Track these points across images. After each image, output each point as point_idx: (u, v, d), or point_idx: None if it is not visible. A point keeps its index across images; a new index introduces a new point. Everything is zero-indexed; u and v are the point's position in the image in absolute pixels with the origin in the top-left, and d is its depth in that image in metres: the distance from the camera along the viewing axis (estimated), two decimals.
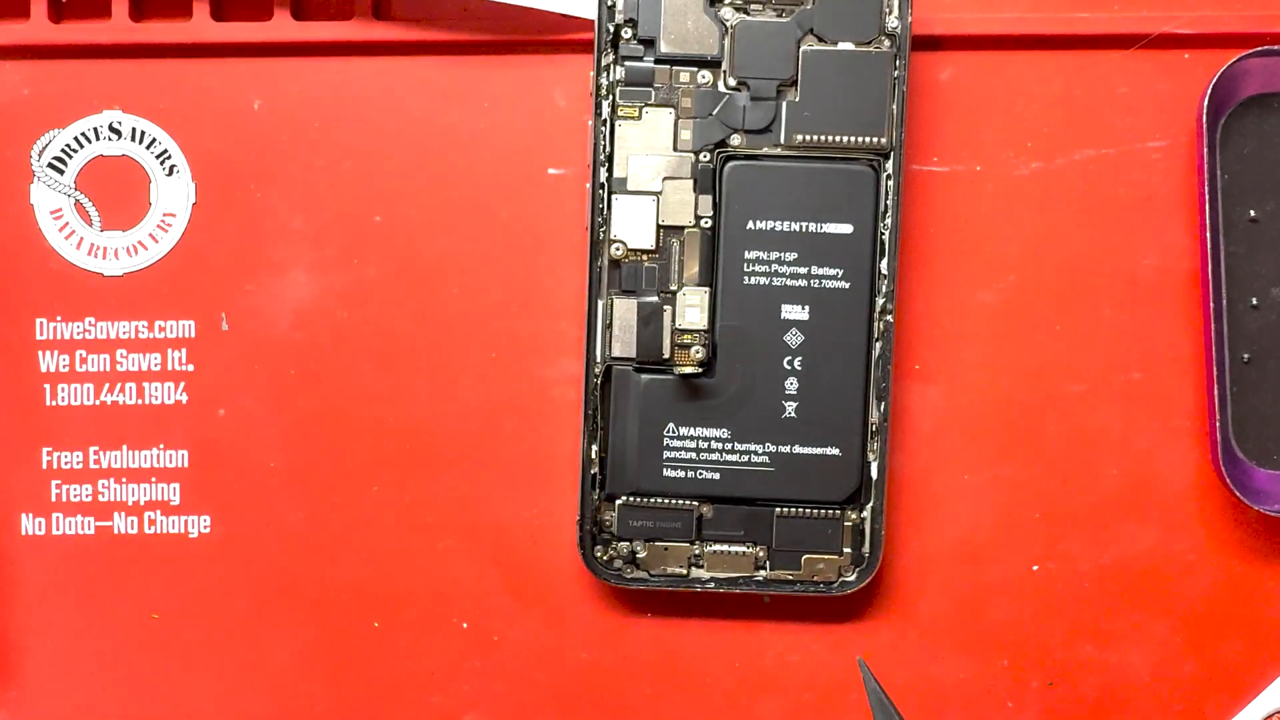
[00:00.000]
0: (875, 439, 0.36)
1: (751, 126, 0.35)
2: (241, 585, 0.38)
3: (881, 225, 0.35)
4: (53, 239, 0.37)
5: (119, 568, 0.38)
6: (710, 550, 0.36)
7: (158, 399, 0.38)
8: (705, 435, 0.35)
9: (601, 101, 0.35)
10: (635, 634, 0.37)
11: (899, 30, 0.35)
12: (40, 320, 0.38)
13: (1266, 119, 0.36)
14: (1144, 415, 0.37)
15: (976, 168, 0.37)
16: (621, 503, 0.36)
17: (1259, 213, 0.36)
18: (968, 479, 0.37)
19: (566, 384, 0.37)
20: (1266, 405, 0.36)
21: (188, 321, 0.37)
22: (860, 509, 0.36)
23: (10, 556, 0.38)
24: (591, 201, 0.35)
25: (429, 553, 0.37)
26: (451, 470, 0.37)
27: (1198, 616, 0.37)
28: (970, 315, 0.37)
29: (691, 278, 0.35)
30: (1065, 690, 0.37)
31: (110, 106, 0.37)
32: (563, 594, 0.37)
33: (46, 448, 0.38)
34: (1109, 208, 0.37)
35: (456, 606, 0.37)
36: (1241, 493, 0.35)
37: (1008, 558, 0.37)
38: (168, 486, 0.38)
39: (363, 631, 0.38)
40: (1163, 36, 0.36)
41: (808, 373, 0.35)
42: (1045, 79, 0.37)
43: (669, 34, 0.35)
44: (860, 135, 0.35)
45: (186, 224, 0.37)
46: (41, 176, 0.37)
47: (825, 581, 0.36)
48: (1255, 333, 0.36)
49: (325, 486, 0.37)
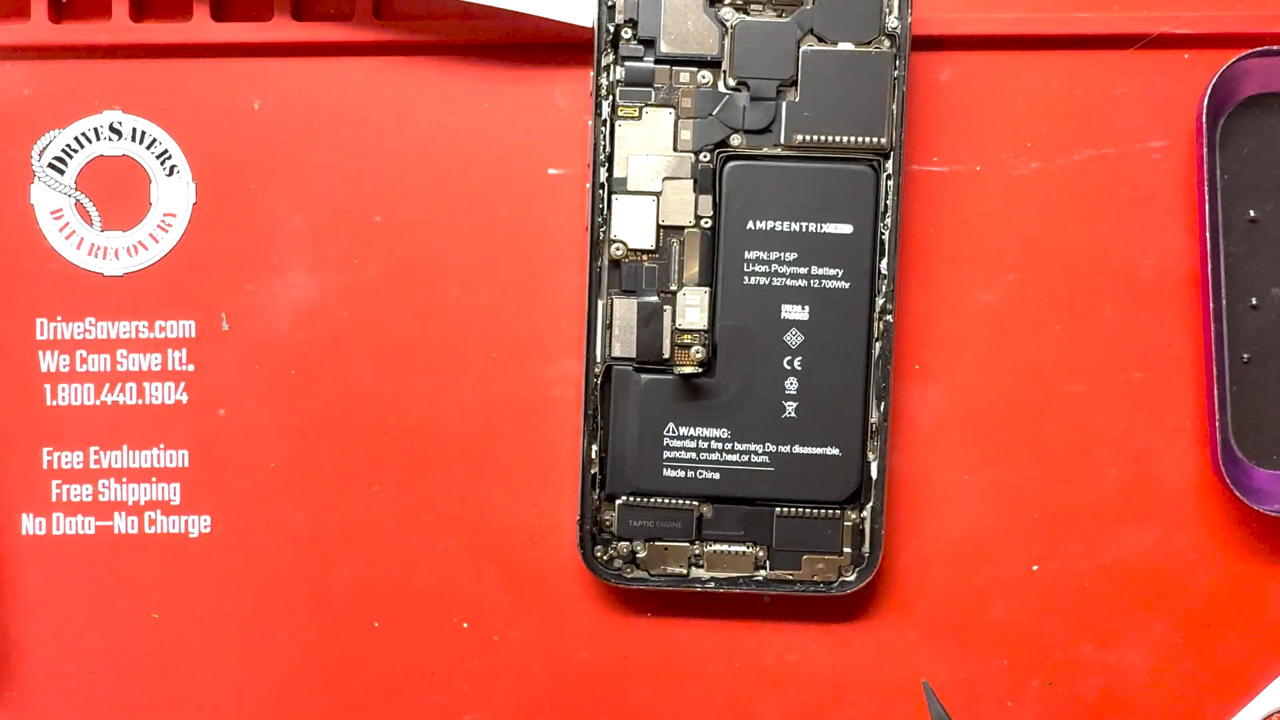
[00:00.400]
0: (875, 439, 0.36)
1: (751, 126, 0.35)
2: (241, 585, 0.38)
3: (881, 225, 0.35)
4: (53, 239, 0.37)
5: (119, 568, 0.38)
6: (710, 550, 0.36)
7: (158, 399, 0.38)
8: (705, 435, 0.35)
9: (601, 101, 0.35)
10: (635, 634, 0.37)
11: (899, 30, 0.35)
12: (40, 320, 0.38)
13: (1266, 119, 0.36)
14: (1144, 415, 0.37)
15: (976, 168, 0.37)
16: (621, 503, 0.36)
17: (1259, 213, 0.36)
18: (968, 479, 0.37)
19: (566, 384, 0.37)
20: (1266, 405, 0.36)
21: (188, 321, 0.37)
22: (860, 509, 0.36)
23: (10, 556, 0.38)
24: (591, 201, 0.35)
25: (429, 553, 0.37)
26: (451, 470, 0.37)
27: (1198, 616, 0.37)
28: (970, 315, 0.37)
29: (691, 278, 0.35)
30: (1065, 690, 0.37)
31: (110, 106, 0.37)
32: (563, 594, 0.37)
33: (47, 448, 0.38)
34: (1109, 208, 0.37)
35: (456, 606, 0.37)
36: (1241, 493, 0.35)
37: (1008, 558, 0.37)
38: (168, 486, 0.38)
39: (363, 631, 0.38)
40: (1163, 36, 0.36)
41: (808, 373, 0.35)
42: (1045, 79, 0.37)
43: (669, 34, 0.35)
44: (860, 135, 0.35)
45: (186, 224, 0.37)
46: (42, 176, 0.37)
47: (825, 581, 0.36)
48: (1255, 333, 0.36)
49: (325, 486, 0.37)
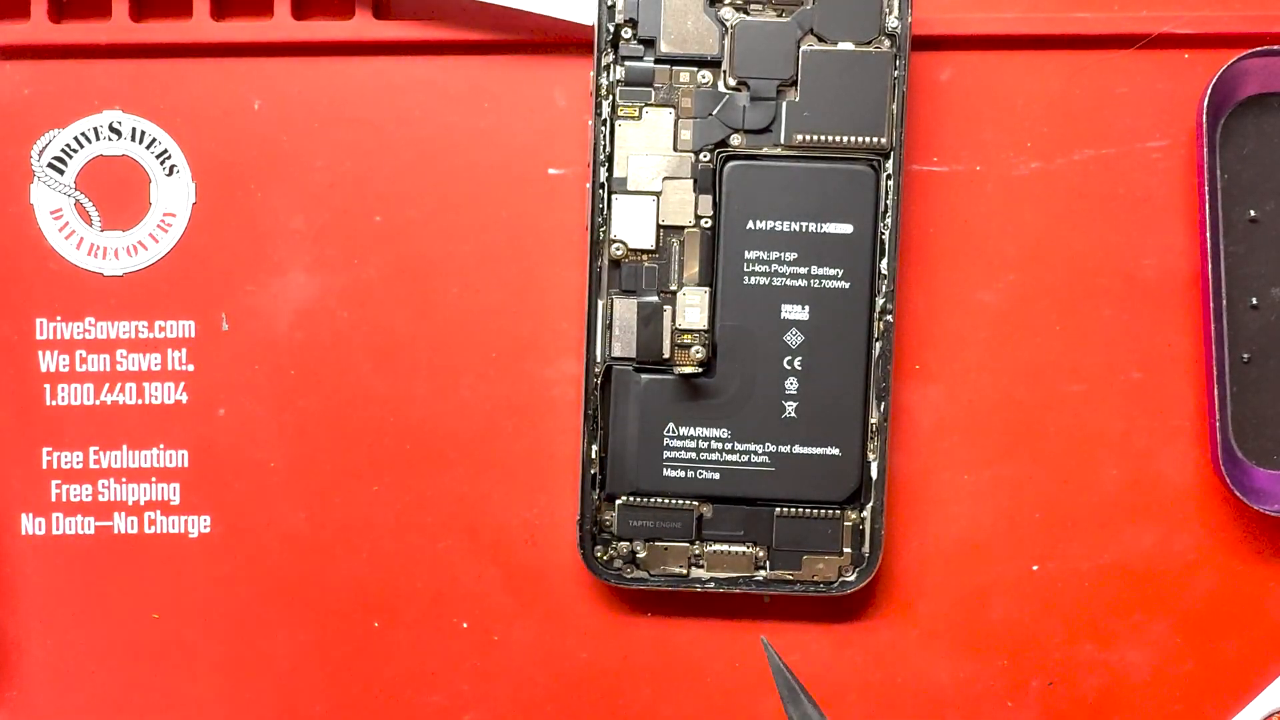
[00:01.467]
0: (875, 439, 0.36)
1: (751, 126, 0.35)
2: (241, 585, 0.37)
3: (881, 225, 0.35)
4: (53, 239, 0.37)
5: (119, 568, 0.38)
6: (710, 550, 0.36)
7: (158, 399, 0.38)
8: (705, 435, 0.35)
9: (601, 101, 0.35)
10: (635, 634, 0.37)
11: (899, 30, 0.35)
12: (40, 320, 0.38)
13: (1266, 119, 0.36)
14: (1144, 415, 0.37)
15: (976, 168, 0.37)
16: (621, 503, 0.36)
17: (1259, 213, 0.36)
18: (968, 479, 0.37)
19: (566, 384, 0.37)
20: (1266, 405, 0.36)
21: (188, 321, 0.37)
22: (860, 509, 0.36)
23: (10, 556, 0.38)
24: (591, 201, 0.35)
25: (429, 553, 0.37)
26: (451, 470, 0.37)
27: (1198, 616, 0.37)
28: (970, 315, 0.37)
29: (691, 278, 0.35)
30: (1065, 690, 0.37)
31: (110, 106, 0.37)
32: (563, 594, 0.37)
33: (46, 448, 0.38)
34: (1109, 208, 0.37)
35: (456, 606, 0.37)
36: (1241, 493, 0.35)
37: (1008, 558, 0.37)
38: (168, 486, 0.38)
39: (363, 631, 0.38)
40: (1163, 36, 0.36)
41: (808, 373, 0.35)
42: (1045, 79, 0.37)
43: (669, 34, 0.35)
44: (860, 135, 0.35)
45: (186, 224, 0.37)
46: (41, 176, 0.37)
47: (825, 581, 0.36)
48: (1255, 333, 0.36)
49: (325, 486, 0.37)
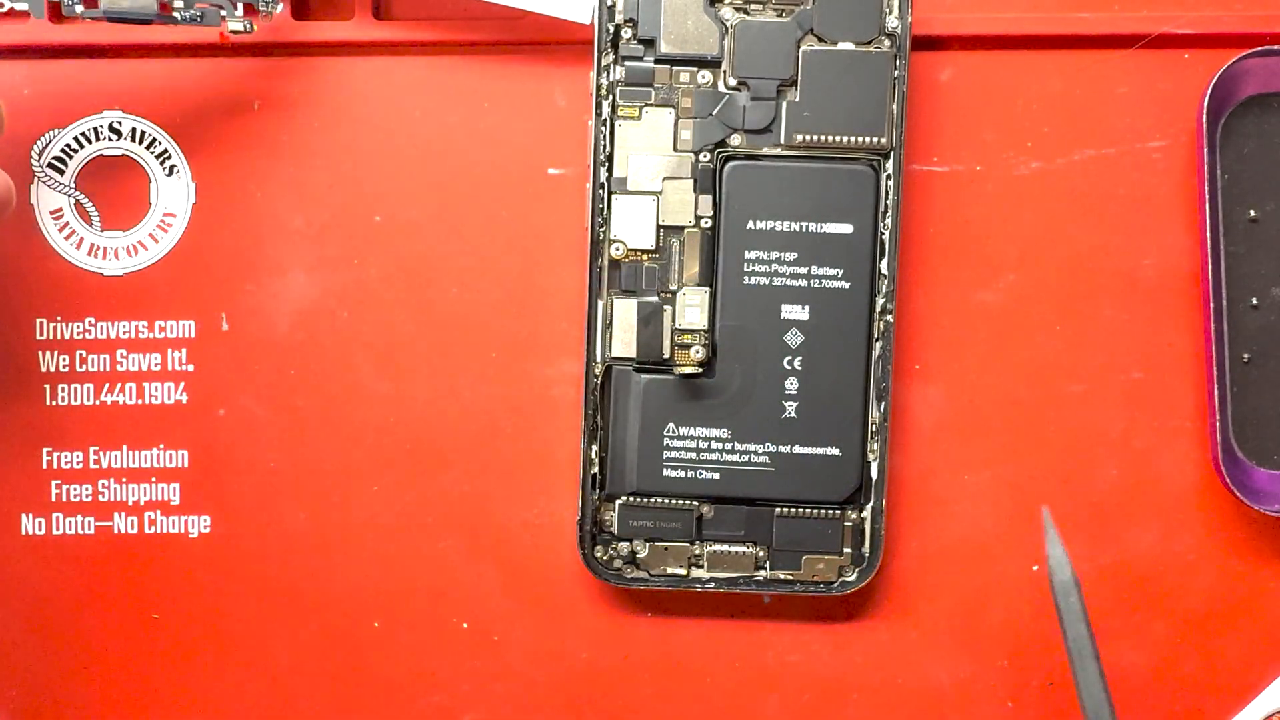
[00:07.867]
0: (875, 439, 0.36)
1: (751, 126, 0.35)
2: (241, 585, 0.37)
3: (881, 225, 0.35)
4: (53, 239, 0.37)
5: (119, 568, 0.38)
6: (710, 550, 0.36)
7: (158, 399, 0.38)
8: (705, 435, 0.35)
9: (601, 101, 0.35)
10: (635, 634, 0.37)
11: (899, 30, 0.35)
12: (40, 320, 0.38)
13: (1266, 119, 0.36)
14: (1144, 415, 0.37)
15: (976, 168, 0.37)
16: (621, 503, 0.36)
17: (1259, 213, 0.36)
18: (968, 479, 0.37)
19: (566, 384, 0.37)
20: (1266, 405, 0.36)
21: (188, 321, 0.37)
22: (860, 509, 0.36)
23: (10, 556, 0.38)
24: (591, 201, 0.35)
25: (429, 553, 0.37)
26: (451, 470, 0.37)
27: (1198, 616, 0.37)
28: (970, 315, 0.37)
29: (691, 278, 0.35)
30: (1065, 690, 0.37)
31: (110, 106, 0.37)
32: (563, 594, 0.37)
33: (46, 448, 0.38)
34: (1109, 208, 0.37)
35: (456, 606, 0.37)
36: (1241, 493, 0.35)
37: (1008, 558, 0.37)
38: (168, 486, 0.38)
39: (363, 631, 0.38)
40: (1163, 36, 0.36)
41: (808, 373, 0.35)
42: (1045, 79, 0.37)
43: (669, 34, 0.35)
44: (860, 135, 0.35)
45: (186, 224, 0.37)
46: (41, 176, 0.37)
47: (825, 581, 0.36)
48: (1255, 333, 0.36)
49: (325, 486, 0.37)
